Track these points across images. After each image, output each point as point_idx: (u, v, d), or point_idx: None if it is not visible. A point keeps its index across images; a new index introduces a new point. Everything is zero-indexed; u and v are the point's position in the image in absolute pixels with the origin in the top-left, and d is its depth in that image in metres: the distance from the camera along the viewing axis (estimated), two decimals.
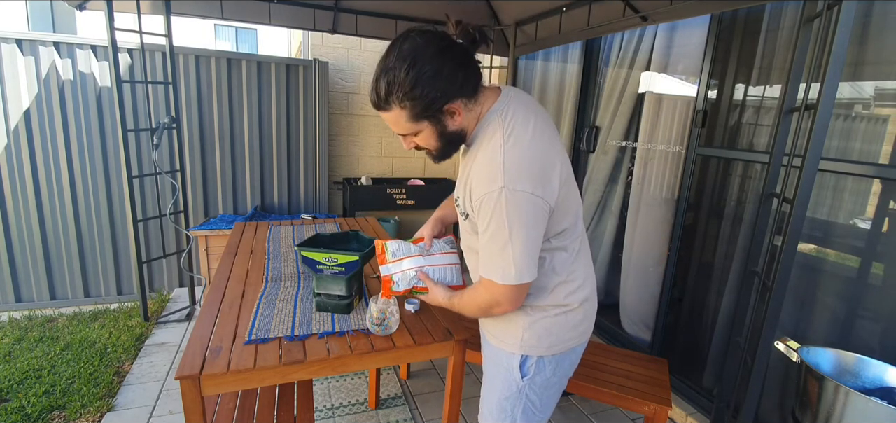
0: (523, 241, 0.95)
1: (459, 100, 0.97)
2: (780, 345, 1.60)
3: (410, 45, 0.92)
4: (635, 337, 2.86)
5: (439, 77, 0.92)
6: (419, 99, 0.93)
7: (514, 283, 0.98)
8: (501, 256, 0.96)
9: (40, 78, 3.04)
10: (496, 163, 0.94)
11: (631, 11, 2.37)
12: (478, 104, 1.02)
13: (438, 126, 0.99)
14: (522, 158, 0.94)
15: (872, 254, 1.77)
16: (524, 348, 1.12)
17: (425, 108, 0.95)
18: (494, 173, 0.93)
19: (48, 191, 3.18)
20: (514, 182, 0.92)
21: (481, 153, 0.99)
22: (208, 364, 1.09)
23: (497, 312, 1.06)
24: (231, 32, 13.28)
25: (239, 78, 3.55)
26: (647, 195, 2.75)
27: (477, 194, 0.97)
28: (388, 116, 0.99)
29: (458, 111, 0.98)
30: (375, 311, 1.28)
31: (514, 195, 0.92)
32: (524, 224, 0.94)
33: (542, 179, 0.95)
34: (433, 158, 1.08)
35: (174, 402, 2.27)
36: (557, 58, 3.54)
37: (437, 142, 1.03)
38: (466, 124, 1.02)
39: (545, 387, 1.16)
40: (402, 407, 2.31)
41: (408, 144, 1.06)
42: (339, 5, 3.12)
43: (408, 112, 0.96)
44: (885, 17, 1.71)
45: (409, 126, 0.99)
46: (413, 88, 0.92)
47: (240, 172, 3.70)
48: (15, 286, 3.23)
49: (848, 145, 1.85)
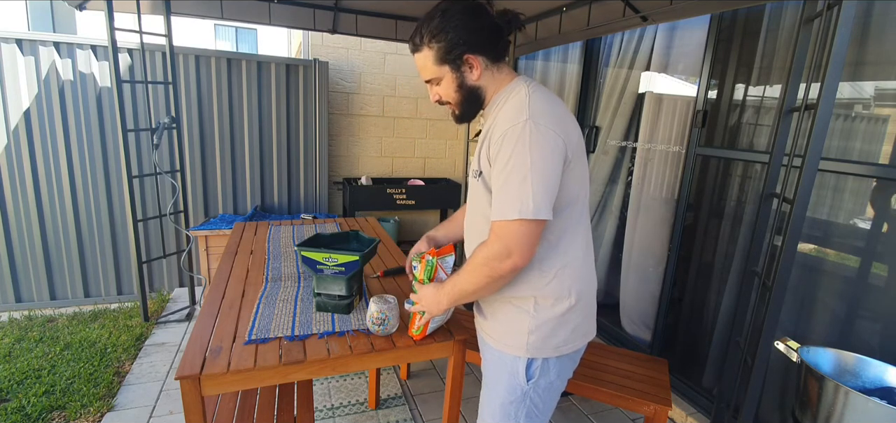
0: (543, 173, 0.97)
1: (480, 56, 1.08)
2: (780, 345, 1.60)
3: (447, 3, 1.07)
4: (635, 337, 2.86)
5: (463, 28, 1.05)
6: (443, 41, 1.06)
7: (531, 216, 0.97)
8: (521, 187, 0.97)
9: (40, 78, 3.04)
10: (522, 103, 1.02)
11: (631, 11, 2.37)
12: (499, 72, 1.12)
13: (457, 75, 1.09)
14: (546, 104, 1.03)
15: (872, 254, 1.77)
16: (531, 351, 1.10)
17: (447, 51, 1.06)
18: (520, 110, 1.01)
19: (48, 191, 3.18)
20: (538, 117, 0.99)
21: (507, 105, 1.06)
22: (208, 364, 1.09)
23: (507, 267, 1.01)
24: (231, 32, 13.28)
25: (239, 78, 3.55)
26: (647, 195, 2.75)
27: (500, 132, 1.01)
28: (419, 59, 1.11)
29: (476, 65, 1.08)
30: (375, 311, 1.28)
31: (538, 127, 0.98)
32: (544, 158, 0.98)
33: (564, 126, 1.02)
34: (454, 116, 1.18)
35: (174, 402, 2.27)
36: (557, 58, 3.54)
37: (455, 93, 1.12)
38: (484, 84, 1.11)
39: (548, 390, 1.16)
40: (402, 407, 2.31)
41: (433, 96, 1.16)
42: (339, 5, 3.12)
43: (433, 53, 1.08)
44: (885, 17, 1.71)
45: (433, 70, 1.10)
46: (439, 31, 1.06)
47: (240, 172, 3.70)
48: (15, 286, 3.23)
49: (848, 145, 1.85)
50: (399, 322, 1.33)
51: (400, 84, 4.33)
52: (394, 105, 4.36)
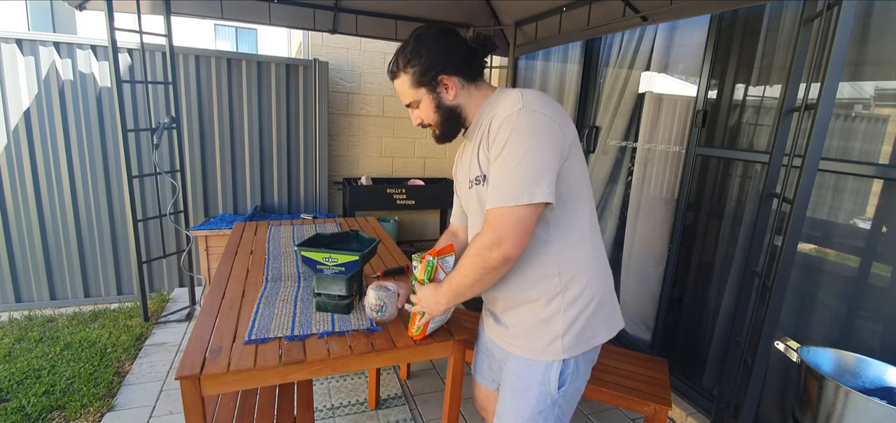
0: (537, 157, 0.97)
1: (455, 76, 1.11)
2: (780, 345, 1.60)
3: (420, 30, 1.12)
4: (635, 337, 2.86)
5: (436, 51, 1.09)
6: (417, 65, 1.10)
7: (526, 201, 0.95)
8: (515, 172, 0.97)
9: (40, 78, 3.04)
10: (516, 97, 1.04)
11: (631, 11, 2.37)
12: (477, 90, 1.15)
13: (434, 96, 1.12)
14: (541, 97, 1.05)
15: (872, 254, 1.77)
16: (566, 352, 1.08)
17: (422, 73, 1.10)
18: (514, 102, 1.02)
19: (48, 191, 3.18)
20: (533, 105, 1.01)
21: (501, 104, 1.07)
22: (208, 364, 1.09)
23: (497, 256, 0.99)
24: (231, 32, 13.28)
25: (239, 78, 3.55)
26: (647, 195, 2.75)
27: (496, 125, 1.03)
28: (397, 85, 1.15)
29: (451, 86, 1.11)
30: (374, 298, 1.29)
31: (532, 114, 0.99)
32: (540, 142, 0.98)
33: (560, 115, 1.04)
34: (435, 136, 1.20)
35: (174, 402, 2.27)
36: (557, 58, 3.54)
37: (434, 113, 1.15)
38: (462, 103, 1.14)
39: (575, 394, 1.16)
40: (402, 407, 2.31)
41: (415, 119, 1.19)
42: (339, 5, 3.12)
43: (409, 78, 1.12)
44: (885, 17, 1.71)
45: (411, 93, 1.14)
46: (413, 55, 1.10)
47: (240, 172, 3.70)
48: (15, 286, 3.23)
49: (848, 145, 1.85)
50: (397, 311, 1.34)
51: None
52: (394, 105, 4.36)
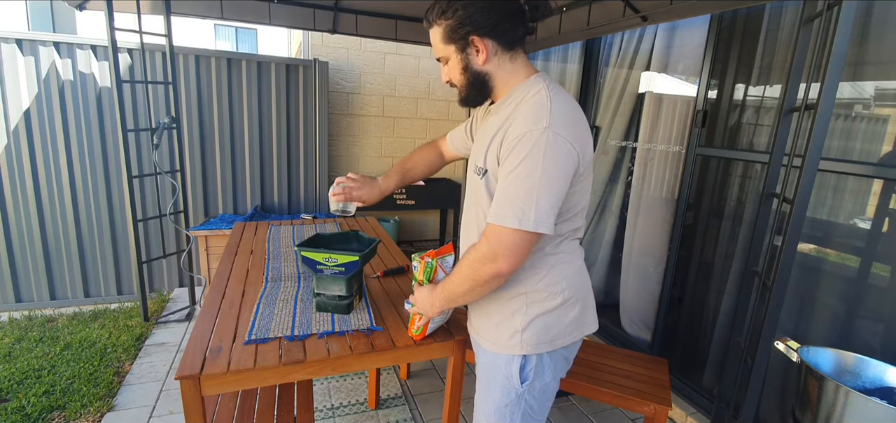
0: (550, 187, 0.94)
1: (489, 39, 1.03)
2: (780, 345, 1.60)
3: None
4: (635, 337, 2.86)
5: (474, 6, 1.00)
6: (451, 19, 1.02)
7: (530, 229, 0.93)
8: (526, 196, 0.93)
9: (40, 78, 3.04)
10: (544, 107, 0.97)
11: (631, 11, 2.37)
12: (511, 62, 1.07)
13: (462, 56, 1.06)
14: (568, 112, 0.99)
15: (872, 254, 1.77)
16: (525, 348, 1.09)
17: (453, 29, 1.03)
18: (541, 114, 0.96)
19: (48, 191, 3.18)
20: (558, 126, 0.94)
21: (526, 104, 1.01)
22: (208, 364, 1.09)
23: (489, 271, 0.98)
24: (231, 32, 13.28)
25: (239, 78, 3.55)
26: (647, 195, 2.75)
27: (516, 133, 0.97)
28: (431, 35, 1.09)
29: (483, 49, 1.03)
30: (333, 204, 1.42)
31: (557, 139, 0.94)
32: (556, 171, 0.94)
33: (582, 138, 0.99)
34: (459, 99, 1.14)
35: (174, 402, 2.27)
36: (557, 58, 3.54)
37: (460, 75, 1.08)
38: (492, 72, 1.07)
39: (543, 391, 1.15)
40: (402, 407, 2.31)
41: (443, 75, 1.13)
42: (339, 5, 3.12)
43: (441, 31, 1.05)
44: (885, 17, 1.71)
45: (441, 48, 1.08)
46: (448, 7, 1.02)
47: (240, 172, 3.69)
48: (15, 286, 3.23)
49: (848, 145, 1.85)
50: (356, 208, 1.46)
51: (400, 84, 4.33)
52: (394, 105, 4.36)
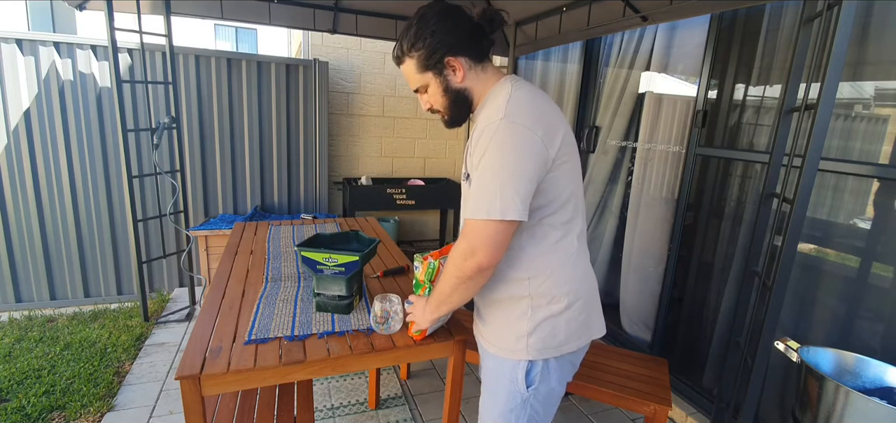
0: (513, 172, 0.96)
1: (461, 57, 1.07)
2: (780, 345, 1.60)
3: (423, 9, 1.07)
4: (635, 337, 2.86)
5: (440, 31, 1.05)
6: (422, 48, 1.06)
7: (498, 217, 0.95)
8: (490, 186, 0.96)
9: (40, 78, 3.04)
10: (501, 103, 1.01)
11: (631, 11, 2.37)
12: (484, 73, 1.11)
13: (441, 79, 1.09)
14: (526, 102, 1.01)
15: (872, 254, 1.77)
16: (531, 353, 1.08)
17: (428, 57, 1.06)
18: (497, 109, 1.00)
19: (48, 191, 3.18)
20: (513, 116, 0.98)
21: (488, 104, 1.07)
22: (208, 364, 1.09)
23: (471, 266, 0.99)
24: (231, 32, 13.28)
25: (239, 78, 3.55)
26: (647, 195, 2.75)
27: (479, 130, 1.02)
28: (404, 70, 1.12)
29: (459, 67, 1.07)
30: (379, 310, 1.29)
31: (512, 126, 0.97)
32: (518, 156, 0.97)
33: (546, 124, 1.00)
34: (444, 121, 1.17)
35: (174, 402, 2.27)
36: (557, 58, 3.54)
37: (442, 97, 1.11)
38: (470, 86, 1.10)
39: (549, 395, 1.15)
40: (402, 407, 2.31)
41: (423, 104, 1.16)
42: (339, 5, 3.12)
43: (415, 62, 1.08)
44: (885, 17, 1.71)
45: (418, 78, 1.10)
46: (417, 38, 1.06)
47: (240, 172, 3.69)
48: (15, 286, 3.23)
49: (848, 145, 1.85)
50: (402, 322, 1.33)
51: (400, 84, 4.33)
52: (394, 105, 4.36)
